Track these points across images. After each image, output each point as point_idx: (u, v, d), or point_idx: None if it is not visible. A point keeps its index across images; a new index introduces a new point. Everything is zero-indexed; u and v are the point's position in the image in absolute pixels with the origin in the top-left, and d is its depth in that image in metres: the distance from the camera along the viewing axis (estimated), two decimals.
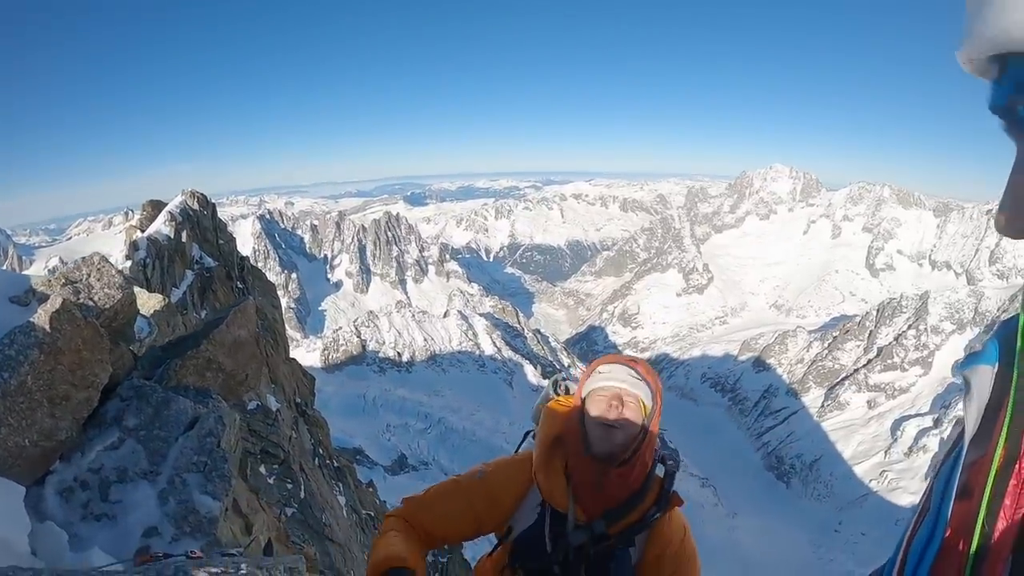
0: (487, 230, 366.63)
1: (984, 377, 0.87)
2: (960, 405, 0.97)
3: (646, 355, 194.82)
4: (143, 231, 19.25)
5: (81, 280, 3.10)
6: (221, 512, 2.73)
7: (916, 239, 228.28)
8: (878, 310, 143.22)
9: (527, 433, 2.96)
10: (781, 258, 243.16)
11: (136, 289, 4.16)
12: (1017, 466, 0.77)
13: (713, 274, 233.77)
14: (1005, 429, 0.78)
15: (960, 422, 0.95)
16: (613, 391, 2.43)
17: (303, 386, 18.17)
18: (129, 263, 16.71)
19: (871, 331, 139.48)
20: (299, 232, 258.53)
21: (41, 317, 2.53)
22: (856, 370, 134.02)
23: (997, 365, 0.86)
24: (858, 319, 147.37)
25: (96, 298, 3.06)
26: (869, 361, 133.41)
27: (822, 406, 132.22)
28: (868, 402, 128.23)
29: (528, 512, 2.56)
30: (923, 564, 0.88)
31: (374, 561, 2.33)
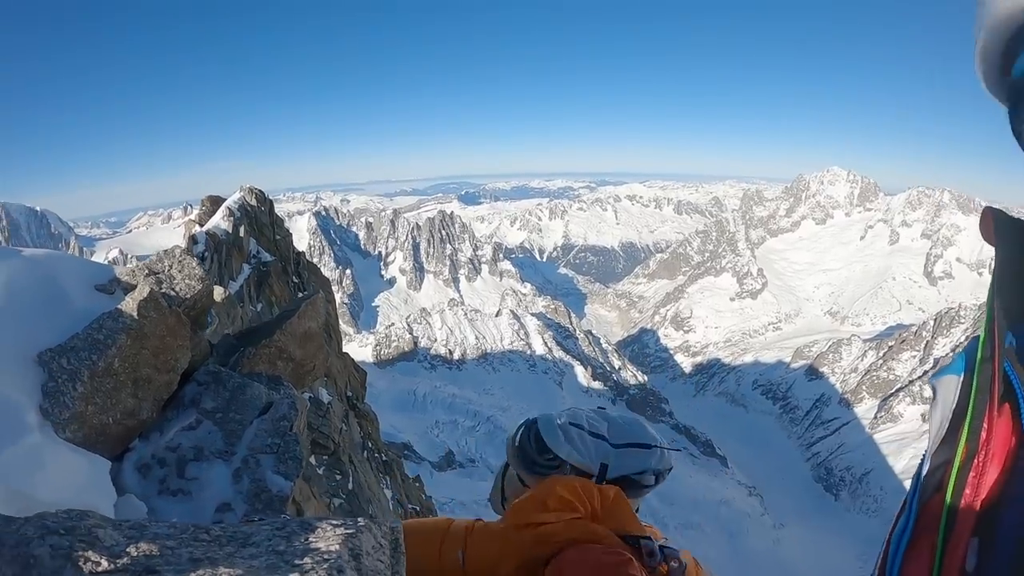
0: (541, 230, 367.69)
1: (950, 386, 0.97)
2: None
3: (697, 360, 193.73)
4: (202, 225, 19.72)
5: (163, 271, 3.32)
6: (291, 492, 2.90)
7: (976, 247, 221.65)
8: (935, 320, 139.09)
9: (505, 466, 2.41)
10: (837, 264, 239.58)
11: None
12: (976, 460, 0.87)
13: (767, 279, 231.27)
14: (966, 429, 0.90)
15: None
16: None
17: (355, 380, 18.47)
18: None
19: (928, 341, 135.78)
20: (354, 229, 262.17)
21: (129, 304, 2.73)
22: (911, 381, 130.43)
23: (963, 375, 0.95)
24: (915, 329, 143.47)
25: (178, 288, 3.27)
26: (925, 372, 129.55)
27: (875, 418, 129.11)
28: (922, 415, 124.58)
29: None
30: (899, 552, 0.98)
31: None
